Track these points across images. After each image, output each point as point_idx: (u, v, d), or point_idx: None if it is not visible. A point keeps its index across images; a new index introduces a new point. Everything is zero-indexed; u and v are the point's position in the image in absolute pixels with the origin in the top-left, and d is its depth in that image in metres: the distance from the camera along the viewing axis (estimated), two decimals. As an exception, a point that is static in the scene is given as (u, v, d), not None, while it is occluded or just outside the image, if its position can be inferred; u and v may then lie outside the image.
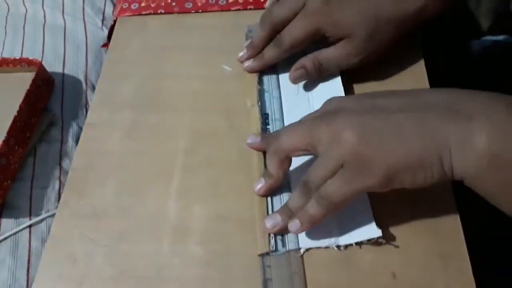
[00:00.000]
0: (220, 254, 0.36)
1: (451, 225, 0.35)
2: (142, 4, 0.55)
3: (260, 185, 0.37)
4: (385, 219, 0.36)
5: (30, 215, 0.44)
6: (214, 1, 0.54)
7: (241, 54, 0.47)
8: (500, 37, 0.59)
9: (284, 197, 0.38)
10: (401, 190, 0.32)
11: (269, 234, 0.35)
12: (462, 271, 0.33)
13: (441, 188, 0.37)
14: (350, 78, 0.44)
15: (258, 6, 0.53)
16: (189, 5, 0.54)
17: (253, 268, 0.35)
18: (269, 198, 0.38)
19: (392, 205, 0.37)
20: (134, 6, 0.55)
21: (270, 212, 0.37)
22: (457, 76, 0.57)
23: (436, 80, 0.44)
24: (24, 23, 0.60)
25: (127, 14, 0.54)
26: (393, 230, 0.36)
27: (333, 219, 0.35)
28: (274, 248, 0.35)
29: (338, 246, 0.35)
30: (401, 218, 0.36)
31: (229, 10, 0.54)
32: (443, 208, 0.36)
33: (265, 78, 0.47)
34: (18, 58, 0.52)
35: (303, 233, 0.35)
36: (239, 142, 0.42)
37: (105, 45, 0.59)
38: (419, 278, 0.33)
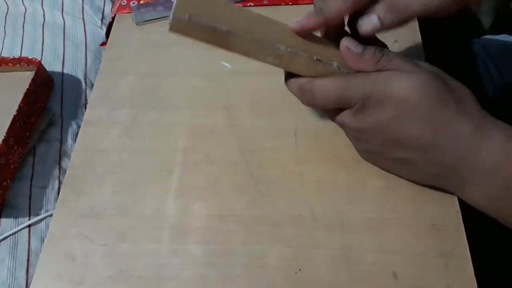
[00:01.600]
0: (220, 253, 0.36)
1: (453, 225, 0.35)
2: (141, 2, 0.54)
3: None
4: (387, 218, 0.36)
5: (29, 215, 0.44)
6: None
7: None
8: (501, 36, 0.58)
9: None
10: (402, 189, 0.31)
11: None
12: (464, 271, 0.33)
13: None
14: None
15: (258, 3, 0.53)
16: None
17: (253, 267, 0.35)
18: None
19: (394, 204, 0.36)
20: (133, 3, 0.54)
21: None
22: (458, 75, 0.56)
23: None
24: (24, 22, 0.60)
25: (125, 11, 0.54)
26: (394, 230, 0.35)
27: None
28: None
29: None
30: (402, 218, 0.36)
31: (228, 7, 0.53)
32: (444, 208, 0.36)
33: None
34: (17, 57, 0.52)
35: None
36: (239, 140, 0.41)
37: (104, 43, 0.59)
38: (420, 278, 0.33)
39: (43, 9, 0.61)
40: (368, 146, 0.34)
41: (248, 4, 0.53)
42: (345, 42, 0.32)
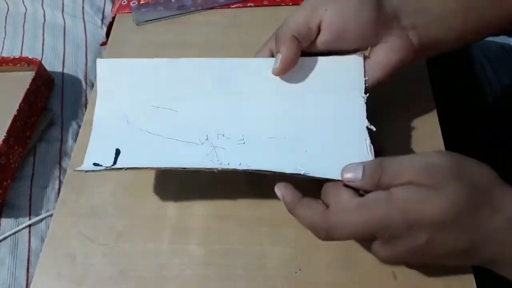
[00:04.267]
0: (220, 253, 0.36)
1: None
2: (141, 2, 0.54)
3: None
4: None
5: (29, 215, 0.44)
6: (214, -2, 0.54)
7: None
8: (499, 38, 0.58)
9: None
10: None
11: None
12: (463, 271, 0.33)
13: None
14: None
15: (258, 3, 0.53)
16: (188, 2, 0.54)
17: (253, 268, 0.35)
18: None
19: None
20: (133, 3, 0.54)
21: None
22: (458, 75, 0.56)
23: (437, 79, 0.44)
24: (24, 22, 0.60)
25: (125, 11, 0.54)
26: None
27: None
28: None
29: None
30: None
31: (229, 7, 0.53)
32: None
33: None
34: (17, 57, 0.52)
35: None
36: (239, 141, 0.41)
37: (104, 43, 0.59)
38: (419, 278, 0.33)
39: (43, 9, 0.61)
40: (403, 262, 0.33)
41: (248, 5, 0.53)
42: (345, 176, 0.30)
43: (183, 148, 0.34)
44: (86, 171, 0.33)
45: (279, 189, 0.31)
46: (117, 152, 0.33)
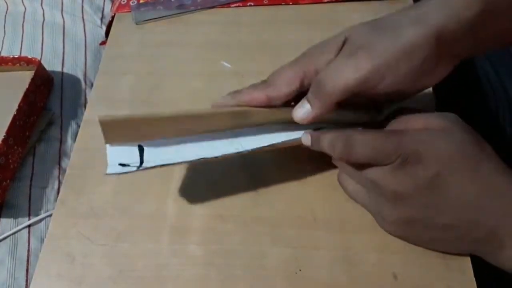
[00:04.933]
0: (220, 254, 0.36)
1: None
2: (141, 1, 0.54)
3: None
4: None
5: (29, 215, 0.44)
6: (213, -2, 0.54)
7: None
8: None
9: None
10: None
11: None
12: (464, 271, 0.33)
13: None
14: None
15: (258, 2, 0.53)
16: (188, 1, 0.54)
17: (253, 268, 0.35)
18: None
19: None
20: (133, 2, 0.54)
21: None
22: (458, 75, 0.56)
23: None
24: (23, 21, 0.60)
25: (125, 11, 0.54)
26: (394, 229, 0.35)
27: None
28: None
29: None
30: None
31: (229, 6, 0.53)
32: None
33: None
34: (17, 56, 0.52)
35: None
36: (239, 140, 0.41)
37: (103, 42, 0.59)
38: (420, 278, 0.33)
39: (42, 9, 0.61)
40: (408, 212, 0.31)
41: (248, 4, 0.53)
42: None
43: (205, 138, 0.34)
44: (120, 174, 0.31)
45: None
46: (141, 148, 0.32)
